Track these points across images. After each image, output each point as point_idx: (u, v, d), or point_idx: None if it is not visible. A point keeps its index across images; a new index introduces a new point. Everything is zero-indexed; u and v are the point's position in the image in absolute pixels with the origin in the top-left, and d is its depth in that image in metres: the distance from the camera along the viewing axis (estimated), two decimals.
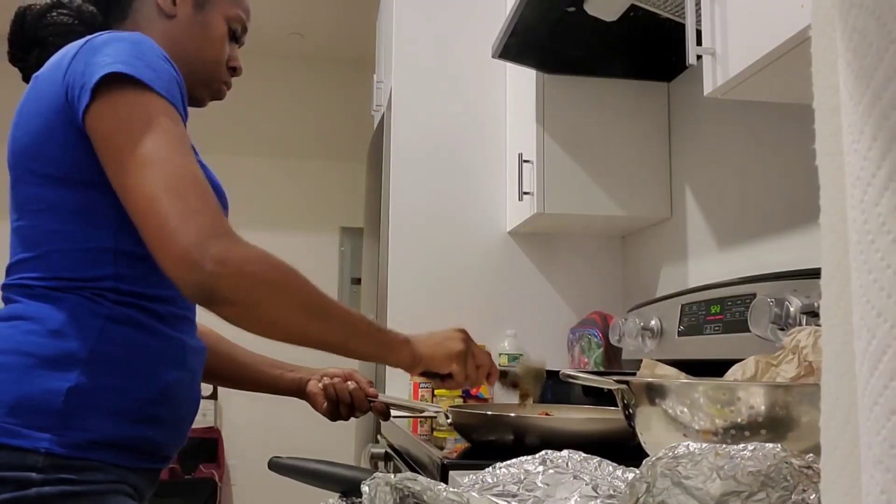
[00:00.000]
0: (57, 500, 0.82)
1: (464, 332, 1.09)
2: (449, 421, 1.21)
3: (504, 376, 1.17)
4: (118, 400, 0.88)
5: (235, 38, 1.12)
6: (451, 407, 1.24)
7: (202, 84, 1.08)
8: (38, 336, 0.87)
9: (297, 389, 1.25)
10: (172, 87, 0.89)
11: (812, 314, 1.15)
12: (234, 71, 1.12)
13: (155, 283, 0.93)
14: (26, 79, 1.04)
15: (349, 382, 1.24)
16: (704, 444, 0.52)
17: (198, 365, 1.02)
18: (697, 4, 1.19)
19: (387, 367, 2.16)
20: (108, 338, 0.89)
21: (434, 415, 1.33)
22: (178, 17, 1.05)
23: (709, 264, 1.80)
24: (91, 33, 1.00)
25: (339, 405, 1.23)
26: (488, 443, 1.13)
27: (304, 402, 1.27)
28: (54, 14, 1.02)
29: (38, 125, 0.90)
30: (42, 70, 0.94)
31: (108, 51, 0.87)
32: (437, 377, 1.08)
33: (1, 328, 0.89)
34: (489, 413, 1.13)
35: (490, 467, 0.65)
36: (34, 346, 0.86)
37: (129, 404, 0.89)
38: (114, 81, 0.85)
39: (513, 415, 1.14)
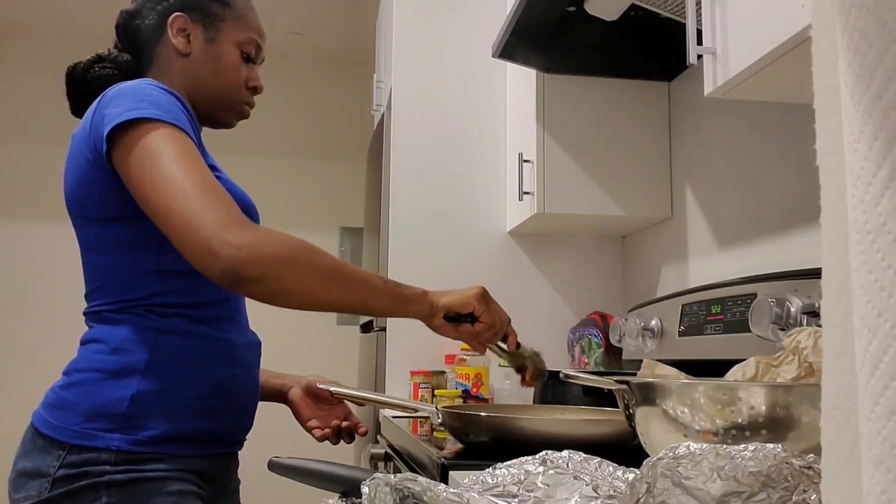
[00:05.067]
0: (125, 485, 0.97)
1: (482, 286, 1.14)
2: (440, 421, 1.21)
3: (517, 347, 1.19)
4: (174, 400, 1.02)
5: (251, 59, 1.21)
6: (444, 407, 1.24)
7: (225, 108, 1.19)
8: (105, 354, 1.02)
9: (279, 395, 1.30)
10: (177, 113, 1.00)
11: (813, 314, 1.15)
12: (255, 90, 1.22)
13: (197, 291, 1.06)
14: None
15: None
16: (705, 445, 0.51)
17: (252, 358, 1.15)
18: (698, 4, 1.19)
19: (386, 367, 2.16)
20: (159, 349, 1.03)
21: (427, 415, 1.33)
22: (192, 54, 1.16)
23: (709, 264, 1.80)
24: (131, 79, 1.14)
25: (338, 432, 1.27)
26: (482, 445, 1.12)
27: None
28: (97, 68, 1.16)
29: (78, 177, 1.04)
30: (77, 128, 1.07)
31: (116, 102, 0.99)
32: (461, 321, 1.12)
33: (80, 351, 1.06)
34: (482, 414, 1.13)
35: (490, 468, 0.65)
36: (101, 363, 1.02)
37: (184, 403, 1.03)
38: (125, 127, 0.97)
39: (508, 416, 1.13)
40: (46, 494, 0.96)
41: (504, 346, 1.19)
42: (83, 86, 1.16)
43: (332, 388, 1.27)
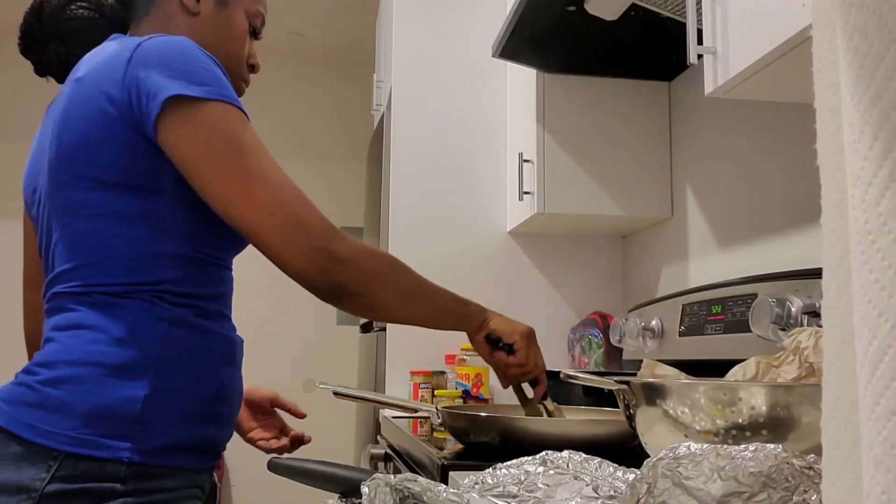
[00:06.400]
0: None
1: (532, 328, 1.15)
2: (440, 422, 1.21)
3: (543, 397, 1.21)
4: (186, 403, 0.91)
5: (255, 33, 1.13)
6: (444, 408, 1.24)
7: None
8: (105, 345, 0.87)
9: None
10: (231, 91, 0.92)
11: (813, 314, 1.15)
12: (253, 68, 1.14)
13: (203, 282, 0.96)
14: (39, 72, 1.05)
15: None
16: (705, 445, 0.51)
17: (241, 359, 1.06)
18: (698, 4, 1.19)
19: (386, 367, 2.16)
20: (171, 342, 0.90)
21: (427, 415, 1.33)
22: (201, 14, 1.05)
23: (710, 264, 1.80)
24: (112, 26, 1.03)
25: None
26: (482, 445, 1.13)
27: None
28: (73, 7, 1.03)
29: (89, 130, 0.89)
30: (85, 73, 0.92)
31: (167, 62, 0.88)
32: (501, 349, 1.13)
33: (62, 338, 0.89)
34: (483, 414, 1.13)
35: (490, 468, 0.65)
36: (102, 356, 0.87)
37: (196, 406, 0.92)
38: (185, 99, 0.87)
39: (508, 417, 1.13)
40: None
41: (529, 392, 1.20)
42: (54, 25, 1.03)
43: (333, 388, 1.27)
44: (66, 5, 1.03)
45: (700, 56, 1.16)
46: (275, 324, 4.01)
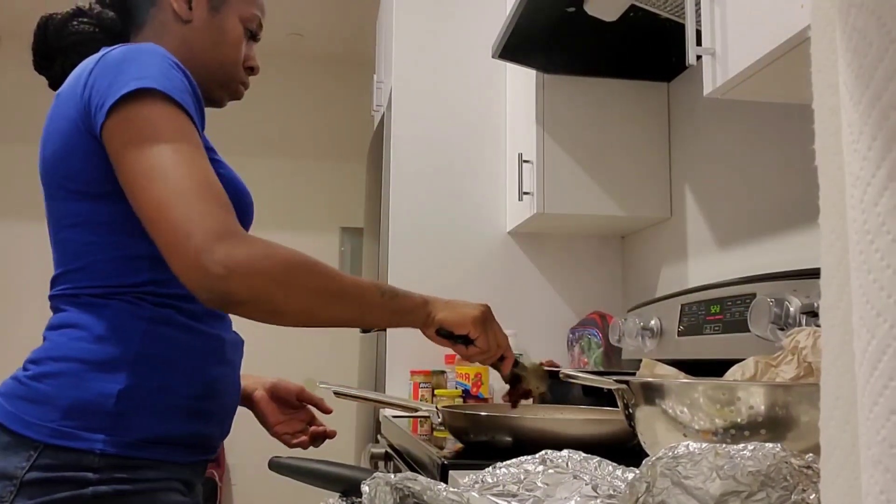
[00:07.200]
0: (112, 499, 0.87)
1: (486, 305, 1.08)
2: (440, 421, 1.21)
3: (514, 365, 1.14)
4: (167, 398, 0.93)
5: (252, 36, 1.14)
6: (444, 407, 1.24)
7: (220, 85, 1.11)
8: (87, 342, 0.91)
9: (242, 397, 1.21)
10: (184, 95, 0.91)
11: (812, 314, 1.15)
12: (252, 70, 1.14)
13: None
14: (52, 86, 1.09)
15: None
16: (704, 444, 0.52)
17: (237, 357, 1.07)
18: (697, 5, 1.19)
19: (386, 367, 2.17)
20: (151, 340, 0.93)
21: (427, 415, 1.33)
22: (194, 22, 1.07)
23: (709, 264, 1.80)
24: (112, 39, 1.05)
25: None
26: (482, 444, 1.13)
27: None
28: (75, 23, 1.06)
29: (64, 143, 0.93)
30: (63, 87, 0.97)
31: (123, 68, 0.89)
32: (457, 342, 1.06)
33: (53, 337, 0.94)
34: (483, 414, 1.13)
35: (490, 467, 0.65)
36: (84, 353, 0.91)
37: (177, 402, 0.94)
38: (127, 98, 0.87)
39: (508, 416, 1.13)
40: (10, 499, 0.84)
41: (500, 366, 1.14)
42: (56, 41, 1.05)
43: (333, 388, 1.27)
44: (69, 21, 1.06)
45: (699, 57, 1.16)
46: None
